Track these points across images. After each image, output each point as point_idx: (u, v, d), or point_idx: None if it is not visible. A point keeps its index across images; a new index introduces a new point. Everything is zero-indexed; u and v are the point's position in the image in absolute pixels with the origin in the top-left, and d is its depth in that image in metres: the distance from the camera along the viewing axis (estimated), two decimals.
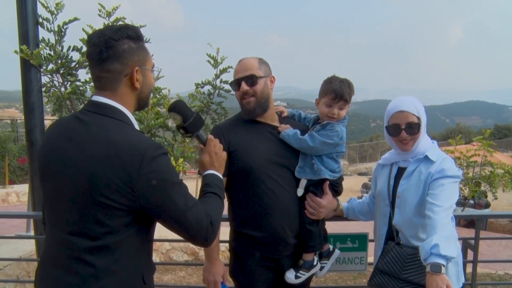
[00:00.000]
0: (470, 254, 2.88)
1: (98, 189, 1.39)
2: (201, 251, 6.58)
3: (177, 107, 1.81)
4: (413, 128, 2.19)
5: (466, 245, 2.69)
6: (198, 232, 1.53)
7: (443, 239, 1.91)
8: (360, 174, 23.94)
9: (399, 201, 2.22)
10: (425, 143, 2.24)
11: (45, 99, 3.35)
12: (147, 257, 1.62)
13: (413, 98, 2.26)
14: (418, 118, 2.19)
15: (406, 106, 2.20)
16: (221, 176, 1.82)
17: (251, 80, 2.22)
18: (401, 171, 2.29)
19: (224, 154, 1.89)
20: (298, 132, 2.25)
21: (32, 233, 5.87)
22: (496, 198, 6.44)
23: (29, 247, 4.91)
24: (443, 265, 1.85)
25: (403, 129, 2.20)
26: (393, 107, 2.26)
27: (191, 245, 6.55)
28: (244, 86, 2.22)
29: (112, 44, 1.48)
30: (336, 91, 2.23)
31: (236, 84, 2.27)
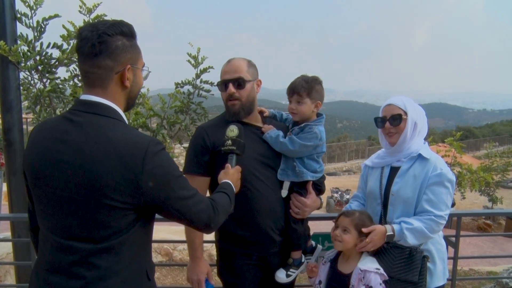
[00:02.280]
0: (451, 251, 2.99)
1: (102, 191, 1.36)
2: (175, 252, 6.51)
3: (239, 126, 2.10)
4: (396, 120, 2.29)
5: (447, 242, 2.80)
6: (201, 220, 1.57)
7: (419, 231, 2.15)
8: (329, 174, 24.30)
9: (393, 199, 2.29)
10: (417, 143, 2.33)
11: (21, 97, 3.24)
12: (149, 254, 1.62)
13: (406, 97, 2.36)
14: (405, 113, 2.28)
15: (393, 101, 2.32)
16: (234, 188, 1.91)
17: (239, 83, 2.22)
18: (393, 170, 2.36)
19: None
20: (281, 134, 2.27)
21: (1, 235, 5.67)
22: (464, 198, 6.71)
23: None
24: (392, 234, 2.17)
25: (387, 120, 2.31)
26: (384, 102, 2.39)
27: (165, 246, 6.48)
28: (231, 89, 2.21)
29: (105, 39, 1.43)
30: (290, 85, 2.28)
31: (223, 84, 2.25)
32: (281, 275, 2.31)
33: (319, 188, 2.40)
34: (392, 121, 2.30)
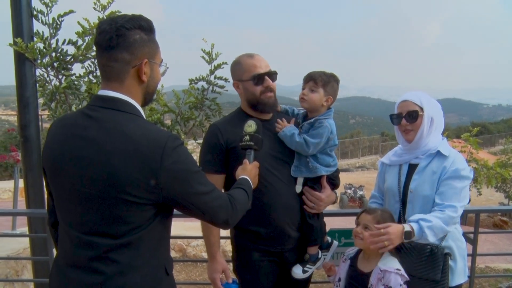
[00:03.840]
0: (469, 248, 2.95)
1: (121, 187, 1.37)
2: (189, 248, 6.54)
3: (257, 121, 2.08)
4: (412, 116, 2.25)
5: (466, 239, 2.77)
6: (219, 216, 1.57)
7: (438, 228, 2.09)
8: (342, 170, 24.18)
9: (412, 196, 2.27)
10: (435, 140, 2.29)
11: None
12: (167, 250, 1.62)
13: (422, 92, 2.33)
14: (422, 109, 2.25)
15: (409, 96, 2.29)
16: (252, 184, 1.90)
17: (274, 76, 2.28)
18: (412, 167, 2.33)
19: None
20: (296, 132, 2.26)
21: (17, 231, 5.76)
22: (480, 194, 6.62)
23: (16, 246, 4.77)
24: (412, 233, 2.09)
25: (403, 117, 2.28)
26: (399, 99, 2.36)
27: (179, 242, 6.51)
28: (270, 81, 2.26)
29: (123, 32, 1.44)
30: (309, 73, 2.31)
31: (259, 78, 2.25)
32: (297, 271, 2.31)
33: (333, 182, 2.39)
34: (408, 118, 2.26)
